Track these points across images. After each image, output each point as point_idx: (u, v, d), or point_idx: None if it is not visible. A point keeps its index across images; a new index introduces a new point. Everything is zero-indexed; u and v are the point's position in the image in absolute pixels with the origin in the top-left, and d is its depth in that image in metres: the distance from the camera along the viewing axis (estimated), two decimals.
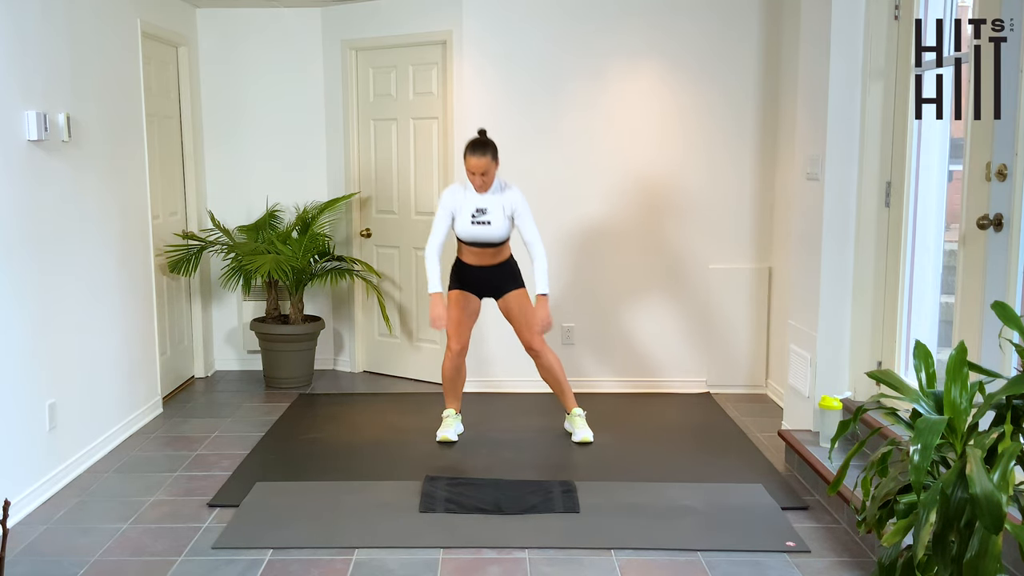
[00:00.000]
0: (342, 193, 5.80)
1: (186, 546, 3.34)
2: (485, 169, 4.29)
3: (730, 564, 3.19)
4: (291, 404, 5.24)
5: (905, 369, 3.85)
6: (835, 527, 3.49)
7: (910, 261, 3.88)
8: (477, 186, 4.34)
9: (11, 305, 3.61)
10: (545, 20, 5.25)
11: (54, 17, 3.97)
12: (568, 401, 4.63)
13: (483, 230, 4.36)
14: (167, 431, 4.76)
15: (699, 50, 5.24)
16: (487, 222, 4.35)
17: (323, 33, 5.79)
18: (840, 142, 3.99)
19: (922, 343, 2.44)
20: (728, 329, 5.44)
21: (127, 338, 4.68)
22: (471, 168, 4.30)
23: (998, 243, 3.01)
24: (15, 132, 3.66)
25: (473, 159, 4.28)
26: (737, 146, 5.31)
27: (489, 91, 5.28)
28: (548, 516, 3.57)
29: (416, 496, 3.77)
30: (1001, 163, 2.98)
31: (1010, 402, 2.17)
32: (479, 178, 4.31)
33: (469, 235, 4.39)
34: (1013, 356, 2.83)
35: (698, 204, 5.36)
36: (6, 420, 3.58)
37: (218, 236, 5.69)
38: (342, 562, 3.21)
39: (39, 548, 3.34)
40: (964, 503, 2.00)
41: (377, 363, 5.97)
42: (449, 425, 4.58)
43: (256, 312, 5.91)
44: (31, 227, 3.75)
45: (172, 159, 5.53)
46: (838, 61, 3.95)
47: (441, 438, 4.53)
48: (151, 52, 5.14)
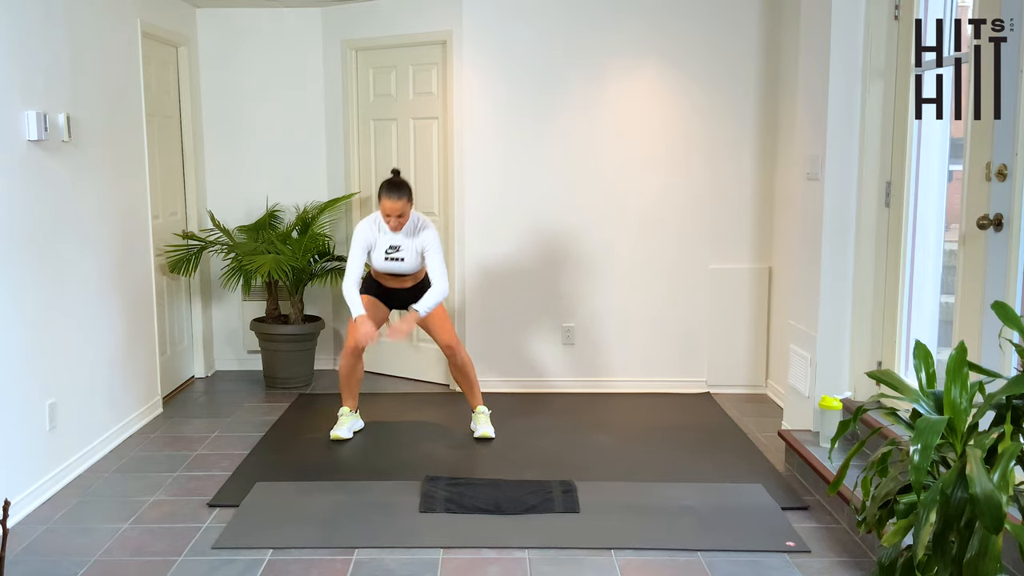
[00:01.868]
0: (342, 193, 5.80)
1: (186, 546, 3.34)
2: (400, 211, 4.36)
3: (730, 564, 3.19)
4: (291, 404, 5.24)
5: (905, 369, 3.85)
6: (835, 527, 3.49)
7: (910, 261, 3.88)
8: (392, 227, 4.42)
9: (11, 305, 3.61)
10: (545, 20, 5.25)
11: (54, 17, 3.97)
12: (476, 399, 4.72)
13: (396, 265, 4.50)
14: (167, 431, 4.76)
15: (699, 50, 5.24)
16: (400, 259, 4.48)
17: (323, 33, 5.79)
18: (840, 142, 4.00)
19: (922, 343, 2.44)
20: (728, 329, 5.44)
21: (127, 338, 4.68)
22: (386, 211, 4.36)
23: (998, 243, 3.01)
24: (15, 132, 3.66)
25: (388, 202, 4.33)
26: (737, 146, 5.31)
27: (489, 91, 5.28)
28: (548, 516, 3.57)
29: (416, 496, 3.77)
30: (1001, 163, 2.98)
31: (1010, 402, 2.17)
32: (394, 219, 4.38)
33: (383, 268, 4.53)
34: (1013, 356, 2.84)
35: (698, 204, 5.36)
36: (6, 420, 3.58)
37: (218, 236, 5.69)
38: (342, 562, 3.21)
39: (39, 548, 3.34)
40: (964, 503, 2.00)
41: (377, 363, 5.96)
42: (343, 423, 4.62)
43: (256, 312, 5.91)
44: (31, 227, 3.75)
45: (172, 159, 5.53)
46: (838, 61, 3.95)
47: (334, 436, 4.56)
48: (151, 52, 5.14)
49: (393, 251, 4.46)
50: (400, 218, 4.38)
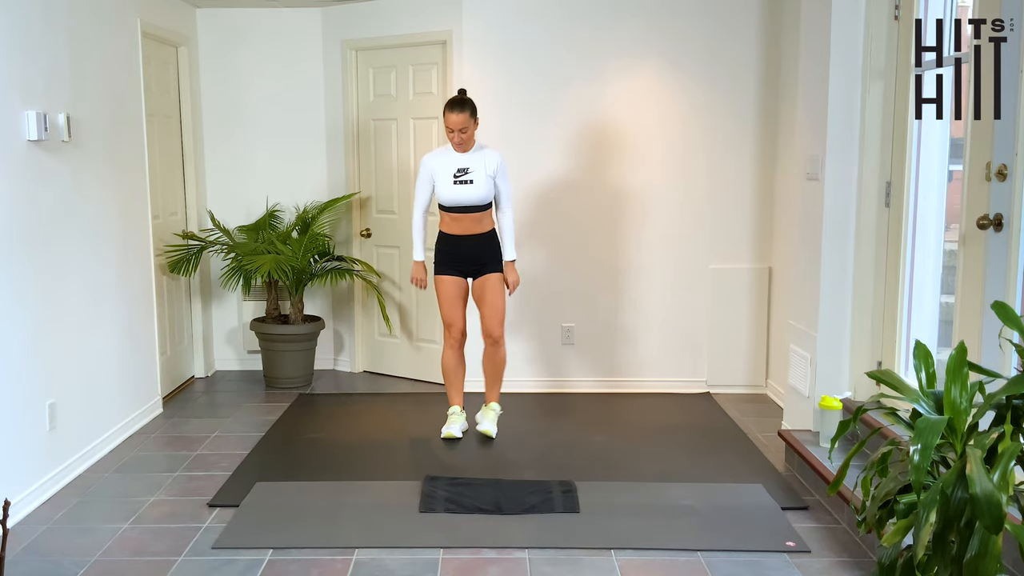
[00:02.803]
0: (342, 193, 5.80)
1: (186, 546, 3.34)
2: (464, 125, 4.27)
3: (730, 564, 3.19)
4: (291, 404, 5.24)
5: (905, 369, 3.85)
6: (835, 527, 3.49)
7: (910, 261, 3.88)
8: (456, 143, 4.32)
9: (11, 305, 3.61)
10: (545, 20, 5.25)
11: (54, 17, 3.97)
12: (493, 394, 4.67)
13: (465, 190, 4.33)
14: (167, 431, 4.76)
15: (699, 50, 5.24)
16: (469, 181, 4.33)
17: (323, 33, 5.79)
18: (840, 142, 3.99)
19: (922, 343, 2.44)
20: (728, 329, 5.44)
21: (127, 338, 4.68)
22: (449, 124, 4.28)
23: (998, 243, 3.01)
24: (15, 132, 3.66)
25: (452, 115, 4.27)
26: (737, 146, 5.31)
27: (489, 91, 5.27)
28: (548, 516, 3.57)
29: (416, 496, 3.77)
30: (1001, 163, 2.98)
31: (1010, 402, 2.17)
32: (457, 135, 4.29)
33: (451, 198, 4.36)
34: (1013, 356, 2.84)
35: (698, 204, 5.36)
36: (6, 420, 3.58)
37: (218, 236, 5.69)
38: (342, 562, 3.21)
39: (39, 548, 3.34)
40: (964, 503, 2.00)
41: (377, 363, 5.97)
42: (454, 422, 4.57)
43: (256, 312, 5.91)
44: (31, 227, 3.75)
45: (172, 159, 5.53)
46: (838, 61, 3.95)
47: (445, 435, 4.52)
48: (151, 52, 5.14)
49: (462, 173, 4.32)
50: (463, 133, 4.29)
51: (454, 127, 4.28)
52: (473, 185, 4.33)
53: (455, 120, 4.26)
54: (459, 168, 4.34)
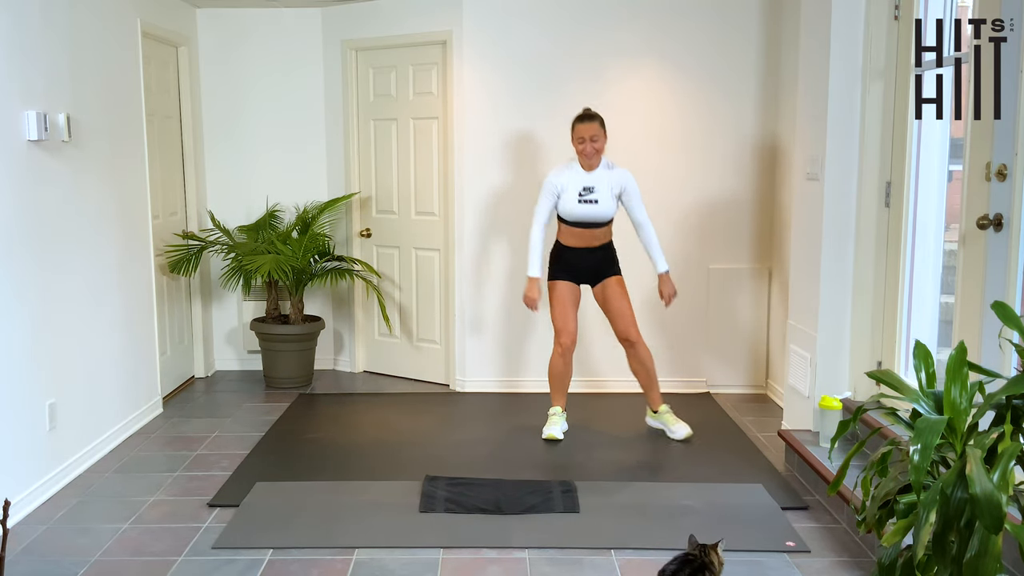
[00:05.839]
0: (342, 193, 5.80)
1: (186, 546, 3.34)
2: (594, 134, 4.30)
3: (730, 564, 3.18)
4: (291, 404, 5.24)
5: (905, 369, 3.85)
6: (835, 527, 3.49)
7: (910, 261, 3.88)
8: (588, 154, 4.33)
9: (11, 305, 3.61)
10: (545, 20, 5.25)
11: (54, 17, 3.97)
12: (655, 398, 4.61)
13: (590, 209, 4.35)
14: (167, 431, 4.76)
15: (699, 50, 5.24)
16: (594, 200, 4.34)
17: (323, 33, 5.79)
18: (840, 142, 3.99)
19: (922, 343, 2.44)
20: (728, 329, 5.44)
21: (127, 338, 4.68)
22: (580, 133, 4.31)
23: (998, 243, 3.01)
24: (15, 132, 3.66)
25: (582, 125, 4.31)
26: (737, 146, 5.31)
27: (489, 91, 5.28)
28: (548, 516, 3.57)
29: (416, 496, 3.77)
30: (1001, 163, 2.98)
31: (1010, 402, 2.17)
32: (589, 145, 4.30)
33: (575, 215, 4.37)
34: (1013, 356, 2.84)
35: (698, 204, 5.36)
36: (6, 420, 3.58)
37: (218, 236, 5.69)
38: (342, 562, 3.21)
39: (39, 548, 3.34)
40: (964, 503, 2.00)
41: (377, 363, 5.97)
42: (555, 423, 4.57)
43: (256, 312, 5.91)
44: (31, 227, 3.75)
45: (172, 159, 5.53)
46: (838, 61, 3.95)
47: (547, 436, 4.51)
48: (151, 52, 5.14)
49: (587, 192, 4.33)
50: (595, 142, 4.30)
51: (585, 135, 4.31)
52: (598, 205, 4.37)
53: (586, 129, 4.30)
54: (584, 187, 4.37)
